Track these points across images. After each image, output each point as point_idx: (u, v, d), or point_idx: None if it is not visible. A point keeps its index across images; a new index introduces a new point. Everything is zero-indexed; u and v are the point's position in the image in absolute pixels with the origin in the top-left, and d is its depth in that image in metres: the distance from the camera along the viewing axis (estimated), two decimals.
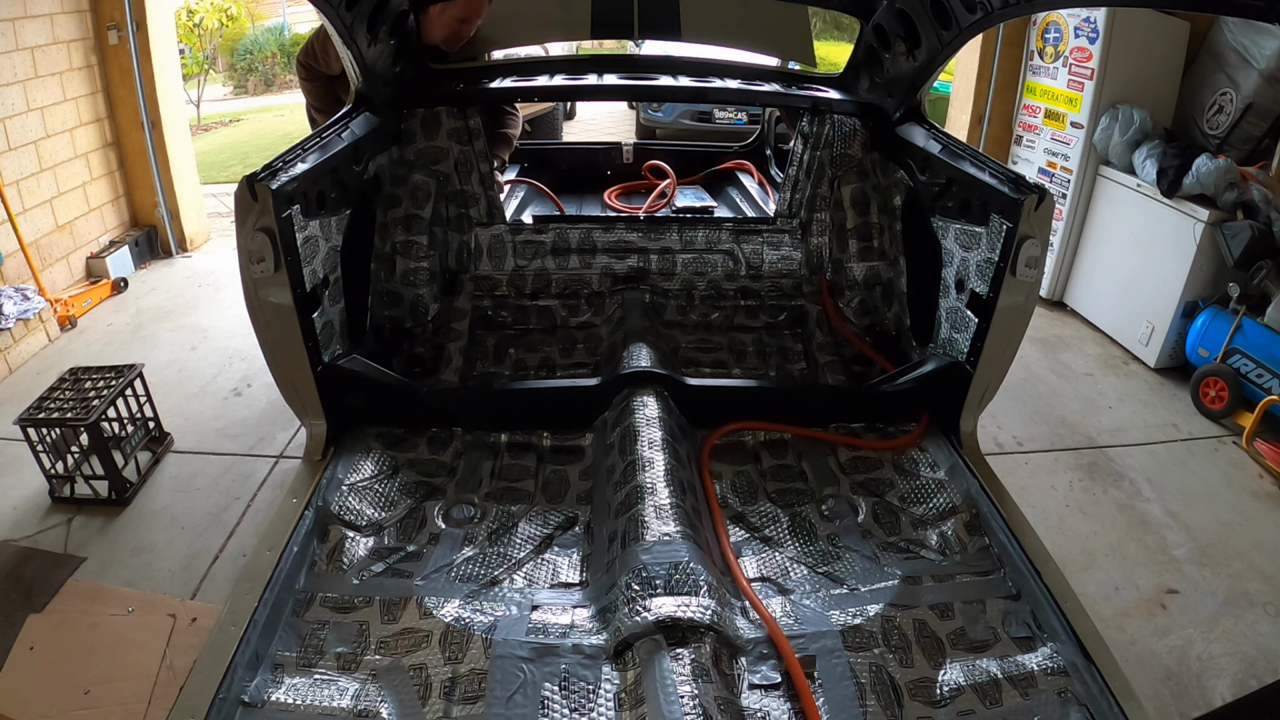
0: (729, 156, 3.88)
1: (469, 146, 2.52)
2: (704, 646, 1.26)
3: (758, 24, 2.66)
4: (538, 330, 2.52)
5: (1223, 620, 2.18)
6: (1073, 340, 3.82)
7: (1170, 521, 2.58)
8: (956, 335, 1.97)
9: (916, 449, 1.92)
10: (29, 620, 2.03)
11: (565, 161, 3.85)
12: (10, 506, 2.50)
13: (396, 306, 2.36)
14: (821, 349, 2.42)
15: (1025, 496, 2.49)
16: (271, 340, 1.74)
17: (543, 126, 7.08)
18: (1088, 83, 3.69)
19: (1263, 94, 3.42)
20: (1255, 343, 3.04)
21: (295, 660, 1.33)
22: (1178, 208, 3.31)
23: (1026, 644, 1.41)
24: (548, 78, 2.62)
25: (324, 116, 2.48)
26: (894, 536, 1.70)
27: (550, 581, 1.54)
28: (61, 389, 2.56)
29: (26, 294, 3.44)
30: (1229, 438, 3.05)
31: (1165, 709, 1.90)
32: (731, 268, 2.61)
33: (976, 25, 1.90)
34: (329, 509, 1.64)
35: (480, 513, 1.73)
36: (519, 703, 1.23)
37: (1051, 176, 3.99)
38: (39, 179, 3.69)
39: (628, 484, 1.60)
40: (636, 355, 2.06)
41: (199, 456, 2.73)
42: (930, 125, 2.28)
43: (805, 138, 2.60)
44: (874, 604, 1.44)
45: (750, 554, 1.63)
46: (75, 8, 3.86)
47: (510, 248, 2.58)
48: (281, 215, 1.63)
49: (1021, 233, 1.69)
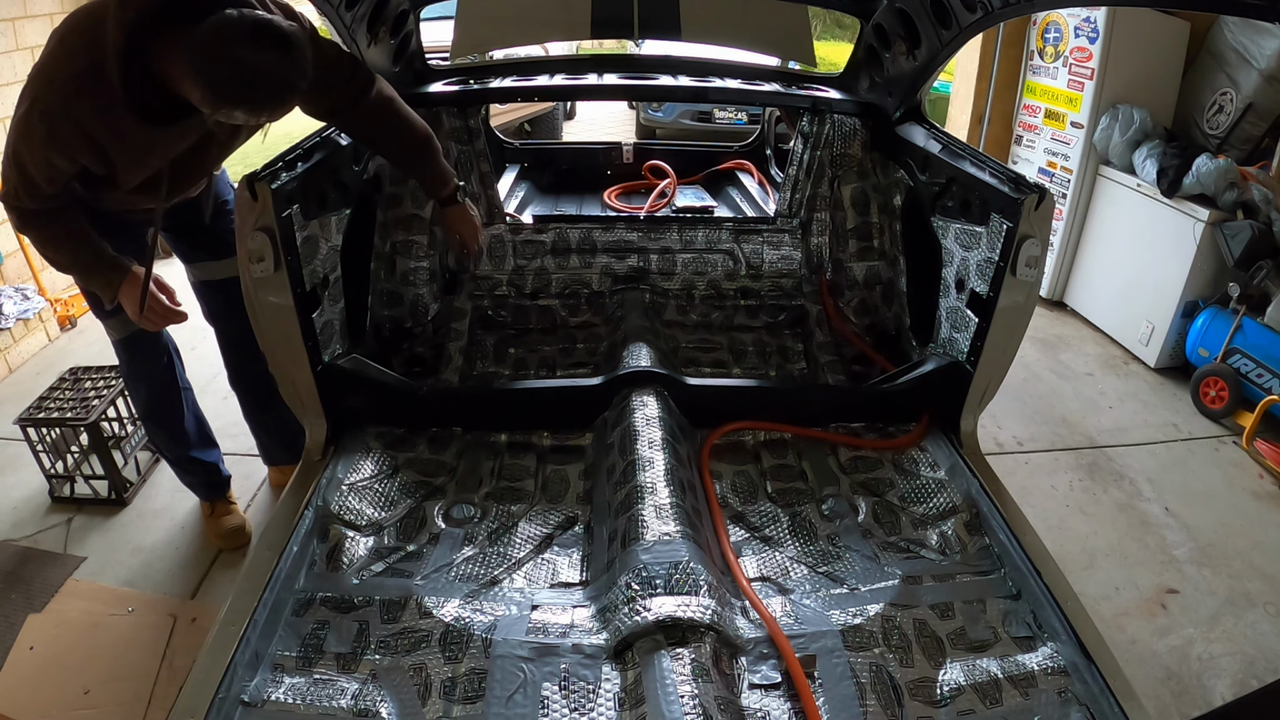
0: (729, 156, 3.88)
1: (469, 146, 2.52)
2: (704, 646, 1.26)
3: (758, 24, 2.66)
4: (538, 330, 2.52)
5: (1223, 620, 2.18)
6: (1073, 340, 3.82)
7: (1170, 521, 2.58)
8: (956, 335, 1.97)
9: (917, 449, 1.92)
10: (29, 620, 2.03)
11: (565, 161, 3.85)
12: (10, 506, 2.50)
13: (396, 306, 2.36)
14: (821, 349, 2.42)
15: (1025, 496, 2.49)
16: (271, 340, 1.74)
17: (543, 126, 7.08)
18: (1088, 83, 3.69)
19: (1263, 94, 3.42)
20: (1255, 343, 3.04)
21: (295, 660, 1.33)
22: (1178, 208, 3.31)
23: (1027, 644, 1.41)
24: (548, 78, 2.62)
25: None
26: (894, 536, 1.70)
27: (550, 581, 1.54)
28: (61, 389, 2.56)
29: (26, 294, 3.44)
30: (1229, 438, 3.05)
31: (1165, 709, 1.90)
32: (731, 267, 2.61)
33: (976, 25, 1.90)
34: (329, 509, 1.64)
35: (480, 512, 1.73)
36: (519, 702, 1.23)
37: (1051, 176, 3.99)
38: None
39: (628, 484, 1.59)
40: (636, 355, 2.06)
41: None
42: (930, 125, 2.28)
43: (805, 137, 2.60)
44: (874, 604, 1.44)
45: (750, 554, 1.63)
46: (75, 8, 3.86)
47: (510, 247, 2.58)
48: (281, 215, 1.63)
49: (1022, 232, 1.69)
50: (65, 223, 1.67)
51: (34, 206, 1.61)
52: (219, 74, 1.38)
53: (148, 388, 2.15)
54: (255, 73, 1.39)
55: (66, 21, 1.55)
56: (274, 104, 1.46)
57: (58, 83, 1.50)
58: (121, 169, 1.61)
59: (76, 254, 1.72)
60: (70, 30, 1.53)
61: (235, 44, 1.38)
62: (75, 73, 1.49)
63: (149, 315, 1.75)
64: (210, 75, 1.39)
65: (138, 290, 1.73)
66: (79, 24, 1.52)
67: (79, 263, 1.74)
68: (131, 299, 1.75)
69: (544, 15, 2.65)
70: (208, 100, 1.42)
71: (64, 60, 1.51)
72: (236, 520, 2.35)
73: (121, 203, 1.81)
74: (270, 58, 1.40)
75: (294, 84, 1.45)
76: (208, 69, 1.38)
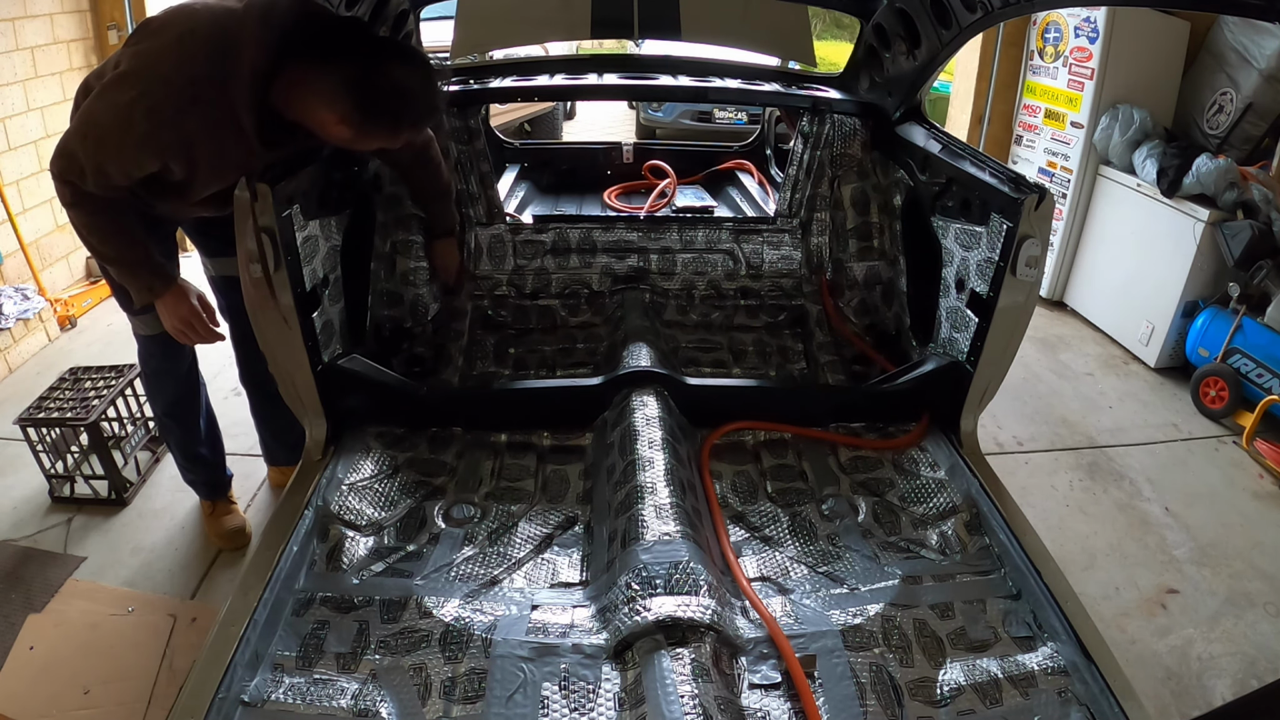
0: (729, 156, 3.88)
1: (469, 146, 2.51)
2: (704, 646, 1.26)
3: (758, 24, 2.66)
4: (538, 330, 2.52)
5: (1223, 620, 2.18)
6: (1073, 340, 3.82)
7: (1170, 521, 2.58)
8: (957, 335, 1.97)
9: (917, 449, 1.91)
10: (29, 620, 2.03)
11: (565, 161, 3.84)
12: (10, 506, 2.50)
13: (396, 306, 2.36)
14: (821, 348, 2.42)
15: (1025, 496, 2.49)
16: (271, 340, 1.74)
17: (543, 126, 7.08)
18: (1088, 82, 3.69)
19: (1263, 94, 3.42)
20: (1255, 342, 3.04)
21: (295, 660, 1.33)
22: (1178, 207, 3.31)
23: (1027, 644, 1.41)
24: (548, 78, 2.62)
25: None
26: (894, 536, 1.70)
27: (550, 581, 1.54)
28: (61, 389, 2.56)
29: (26, 294, 3.44)
30: (1229, 437, 3.05)
31: (1165, 709, 1.90)
32: (731, 267, 2.61)
33: (977, 25, 1.89)
34: (329, 508, 1.64)
35: (480, 512, 1.73)
36: (519, 702, 1.23)
37: (1051, 176, 3.99)
38: (39, 179, 3.69)
39: (628, 483, 1.59)
40: (636, 355, 2.06)
41: None
42: (930, 125, 2.28)
43: (805, 137, 2.60)
44: (874, 604, 1.44)
45: (750, 553, 1.63)
46: (75, 8, 3.85)
47: (510, 247, 2.58)
48: (281, 215, 1.63)
49: (1022, 232, 1.69)
50: (119, 216, 1.61)
51: (95, 191, 1.53)
52: (374, 91, 1.45)
53: (174, 383, 2.13)
54: (408, 92, 1.49)
55: (181, 20, 1.50)
56: (418, 123, 1.57)
57: (174, 85, 1.45)
58: (201, 182, 1.59)
59: (123, 251, 1.66)
60: (191, 33, 1.48)
61: (392, 65, 1.47)
62: (195, 78, 1.45)
63: (188, 332, 1.75)
64: (364, 93, 1.45)
65: (180, 307, 1.73)
66: (203, 28, 1.48)
67: (123, 259, 1.68)
68: (171, 314, 1.73)
69: (544, 15, 2.65)
70: (351, 116, 1.47)
71: (183, 62, 1.46)
72: (237, 520, 2.35)
73: (177, 211, 1.80)
74: (417, 78, 1.50)
75: (437, 106, 1.56)
76: (362, 86, 1.45)
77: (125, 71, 1.47)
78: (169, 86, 1.45)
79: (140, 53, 1.49)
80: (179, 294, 1.73)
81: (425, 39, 2.49)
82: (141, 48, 1.50)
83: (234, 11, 1.50)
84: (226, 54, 1.46)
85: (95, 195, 1.54)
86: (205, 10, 1.52)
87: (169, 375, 2.12)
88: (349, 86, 1.45)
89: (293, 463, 1.92)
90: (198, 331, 1.77)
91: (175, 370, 2.11)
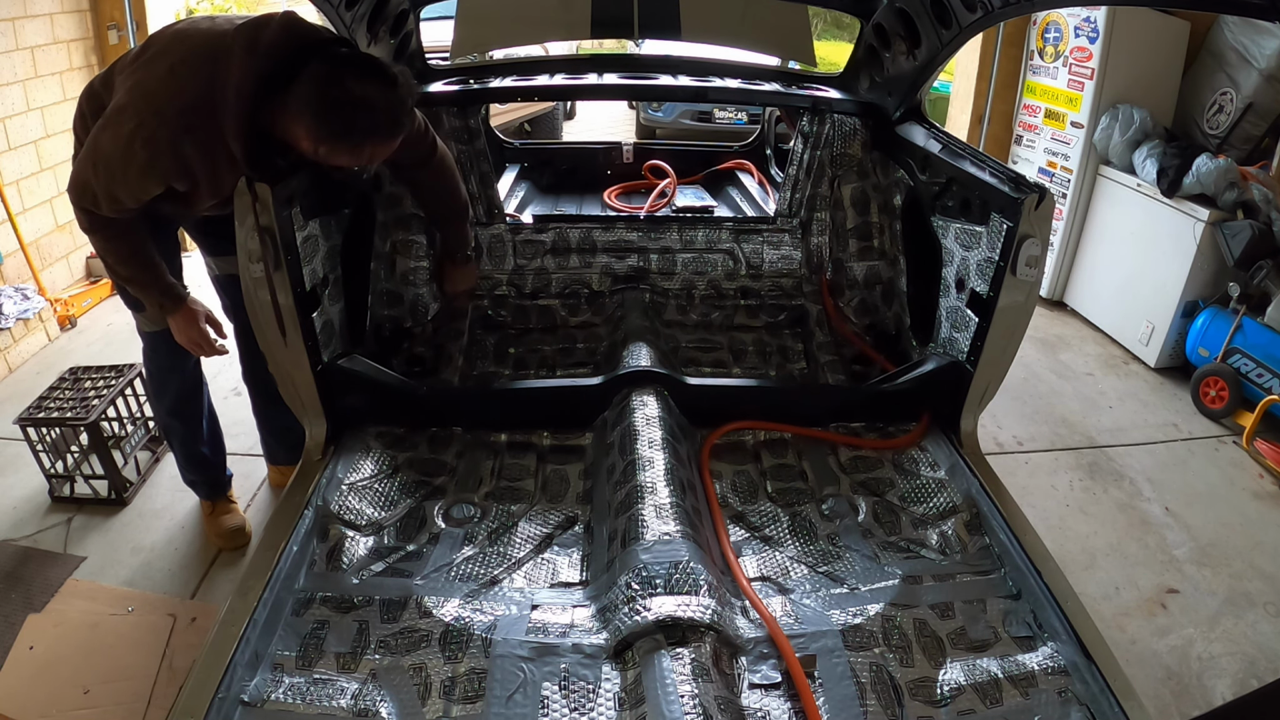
0: (729, 156, 3.88)
1: (469, 146, 2.51)
2: (704, 646, 1.26)
3: (758, 24, 2.66)
4: (538, 330, 2.52)
5: (1223, 620, 2.18)
6: (1073, 340, 3.82)
7: (1170, 521, 2.58)
8: (957, 335, 1.97)
9: (917, 448, 1.92)
10: (29, 620, 2.03)
11: (565, 161, 3.84)
12: (10, 506, 2.50)
13: (396, 306, 2.36)
14: (822, 348, 2.41)
15: (1025, 496, 2.49)
16: (271, 339, 1.74)
17: (543, 126, 7.07)
18: (1088, 82, 3.69)
19: (1263, 94, 3.42)
20: (1255, 342, 3.04)
21: (295, 660, 1.33)
22: (1178, 207, 3.31)
23: (1027, 643, 1.41)
24: (548, 77, 2.62)
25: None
26: (894, 536, 1.70)
27: (550, 581, 1.54)
28: (61, 388, 2.55)
29: (26, 293, 3.43)
30: (1229, 437, 3.05)
31: (1165, 708, 1.90)
32: (732, 267, 2.61)
33: (977, 24, 1.90)
34: (329, 508, 1.64)
35: (480, 512, 1.73)
36: (519, 702, 1.23)
37: (1051, 176, 3.99)
38: (39, 179, 3.69)
39: (628, 483, 1.59)
40: (636, 354, 2.06)
41: None
42: (930, 125, 2.28)
43: (805, 137, 2.60)
44: (874, 603, 1.44)
45: (750, 553, 1.63)
46: (75, 8, 3.85)
47: (510, 247, 2.58)
48: (281, 214, 1.63)
49: (1022, 232, 1.69)
50: (134, 238, 1.72)
51: (110, 215, 1.64)
52: (327, 101, 1.45)
53: (179, 381, 2.16)
54: (365, 104, 1.47)
55: (175, 49, 1.57)
56: (377, 138, 1.54)
57: (167, 115, 1.52)
58: (202, 195, 1.66)
59: (138, 272, 1.78)
60: (183, 61, 1.55)
61: (346, 74, 1.47)
62: (186, 108, 1.52)
63: (192, 346, 1.88)
64: (319, 104, 1.46)
65: (190, 330, 1.86)
66: (193, 56, 1.55)
67: (138, 280, 1.80)
68: (181, 334, 1.87)
69: (544, 15, 2.65)
70: (313, 131, 1.49)
71: (175, 92, 1.53)
72: (236, 520, 2.35)
73: (180, 214, 1.89)
74: (376, 90, 1.48)
75: (398, 120, 1.54)
76: (318, 97, 1.46)
77: (124, 104, 1.55)
78: (162, 118, 1.52)
79: (137, 84, 1.57)
80: (189, 315, 1.86)
81: (425, 39, 2.49)
82: (138, 78, 1.58)
83: (225, 36, 1.55)
84: (214, 83, 1.52)
85: (112, 219, 1.65)
86: (199, 36, 1.58)
87: (174, 372, 2.14)
88: (308, 101, 1.48)
89: (293, 462, 1.93)
90: (203, 350, 1.92)
91: (181, 367, 2.13)
